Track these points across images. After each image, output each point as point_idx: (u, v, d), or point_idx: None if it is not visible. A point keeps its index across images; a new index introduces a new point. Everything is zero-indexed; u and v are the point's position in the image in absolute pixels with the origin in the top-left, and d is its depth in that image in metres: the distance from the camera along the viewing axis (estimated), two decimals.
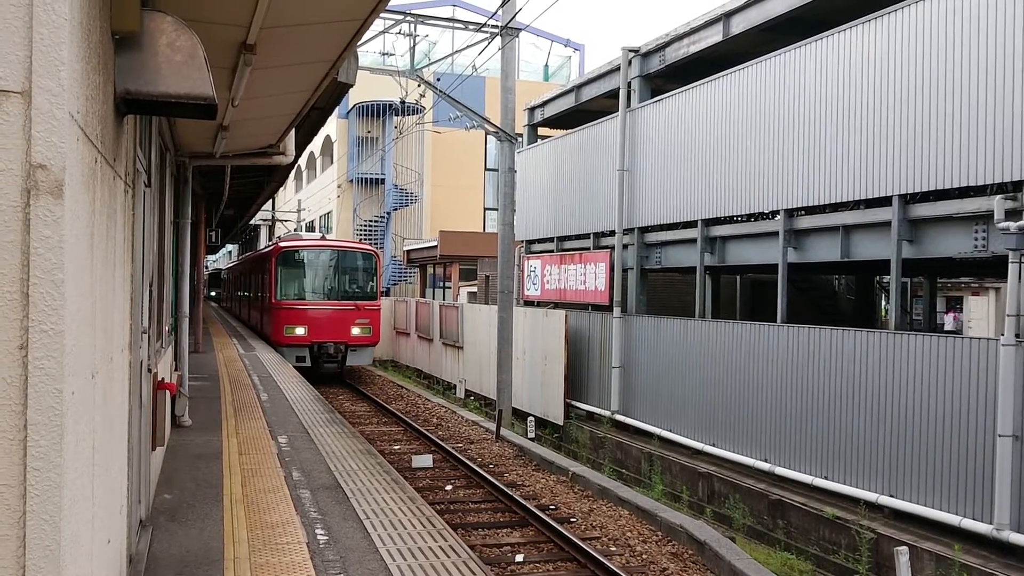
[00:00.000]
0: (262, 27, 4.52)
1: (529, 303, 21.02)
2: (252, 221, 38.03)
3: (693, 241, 14.66)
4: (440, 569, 5.56)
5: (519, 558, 9.21)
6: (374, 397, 20.53)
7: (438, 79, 24.06)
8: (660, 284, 19.67)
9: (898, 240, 10.53)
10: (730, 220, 14.16)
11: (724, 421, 13.43)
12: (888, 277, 12.05)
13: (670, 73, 16.09)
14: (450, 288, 32.55)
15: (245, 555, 5.58)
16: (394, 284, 37.75)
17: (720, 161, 13.93)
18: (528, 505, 10.80)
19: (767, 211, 13.05)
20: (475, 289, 29.83)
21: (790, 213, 12.45)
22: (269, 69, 5.58)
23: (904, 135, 10.42)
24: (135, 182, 4.56)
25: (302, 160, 43.95)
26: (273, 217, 43.79)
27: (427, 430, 16.22)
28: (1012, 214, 8.98)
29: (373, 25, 4.93)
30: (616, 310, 16.43)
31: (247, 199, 20.69)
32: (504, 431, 15.97)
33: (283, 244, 23.76)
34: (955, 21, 9.76)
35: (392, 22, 19.12)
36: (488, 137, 28.10)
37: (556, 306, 19.46)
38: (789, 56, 12.43)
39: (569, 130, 20.01)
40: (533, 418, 17.86)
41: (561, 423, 17.62)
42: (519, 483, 12.54)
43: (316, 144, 42.83)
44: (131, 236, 4.45)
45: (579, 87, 19.37)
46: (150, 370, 5.88)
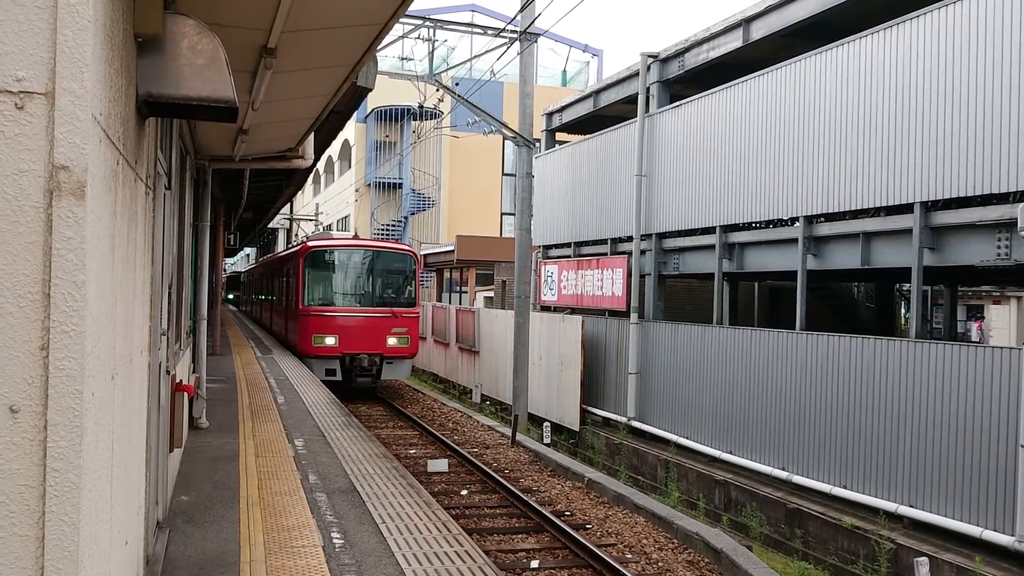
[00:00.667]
0: (283, 31, 4.53)
1: (546, 308, 20.99)
2: (270, 225, 38.21)
3: (711, 247, 14.59)
4: (455, 574, 5.54)
5: (534, 564, 9.17)
6: (389, 400, 20.57)
7: (456, 84, 24.03)
8: (678, 290, 19.59)
9: (919, 248, 10.43)
10: (749, 226, 14.08)
11: (741, 429, 13.34)
12: (908, 285, 11.94)
13: (689, 79, 16.04)
14: (466, 292, 32.57)
15: (261, 558, 5.58)
16: None
17: (739, 167, 13.86)
18: (543, 511, 10.77)
19: (786, 218, 12.97)
20: (491, 294, 29.84)
21: (809, 220, 12.36)
22: (289, 73, 5.60)
23: (926, 142, 10.33)
24: (156, 184, 4.58)
25: (320, 164, 44.18)
26: (291, 220, 44.00)
27: (443, 434, 16.21)
28: None
29: (392, 30, 4.93)
30: (633, 316, 16.37)
31: (265, 202, 20.78)
32: (520, 436, 15.94)
33: (312, 243, 21.25)
34: (976, 28, 9.67)
35: (411, 27, 19.17)
36: (506, 142, 28.12)
37: (573, 311, 19.42)
38: (810, 62, 12.36)
39: (587, 135, 19.99)
40: (549, 423, 17.81)
41: (577, 429, 17.56)
42: (535, 488, 12.51)
43: (334, 148, 43.02)
44: (151, 238, 4.46)
45: (597, 92, 19.34)
46: (168, 372, 5.91)
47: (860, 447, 11.00)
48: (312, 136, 9.46)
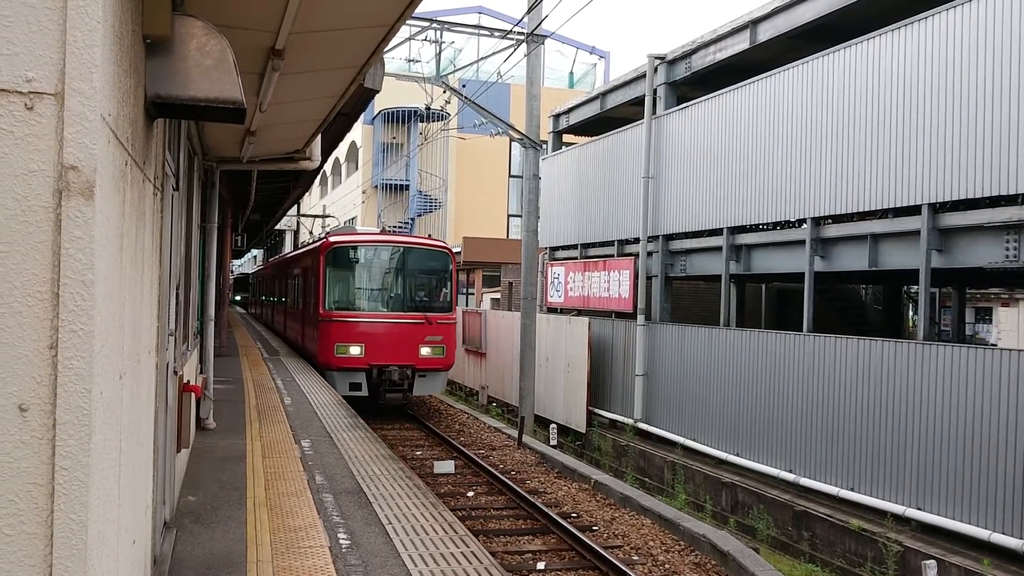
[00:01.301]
0: (291, 32, 4.55)
1: (552, 310, 20.99)
2: (277, 226, 38.28)
3: (718, 249, 14.57)
4: (462, 575, 5.54)
5: (540, 565, 9.17)
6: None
7: (463, 86, 24.03)
8: (684, 292, 19.57)
9: (927, 249, 10.40)
10: (756, 228, 14.06)
11: (748, 431, 13.31)
12: (916, 287, 11.90)
13: (696, 80, 16.03)
14: (473, 294, 32.58)
15: (268, 558, 5.59)
16: None
17: (746, 169, 13.84)
18: (550, 512, 10.76)
19: (793, 219, 12.94)
20: (498, 295, 29.84)
21: (817, 222, 12.34)
22: (297, 74, 5.61)
23: (934, 143, 10.30)
24: (164, 185, 4.60)
25: (327, 165, 44.26)
26: (298, 222, 44.07)
27: (449, 436, 16.21)
28: None
29: (399, 31, 4.94)
30: (640, 318, 16.35)
31: (273, 204, 20.84)
32: (526, 438, 15.93)
33: (334, 238, 18.48)
34: (984, 29, 9.64)
35: (418, 29, 19.22)
36: (512, 144, 28.15)
37: (579, 313, 19.41)
38: (817, 63, 12.34)
39: (594, 137, 19.99)
40: (555, 425, 17.80)
41: (583, 431, 17.55)
42: (541, 490, 12.50)
43: (341, 150, 43.09)
44: (159, 239, 4.48)
45: (604, 94, 19.35)
46: (176, 372, 5.92)
47: (868, 449, 10.97)
48: (319, 138, 9.48)
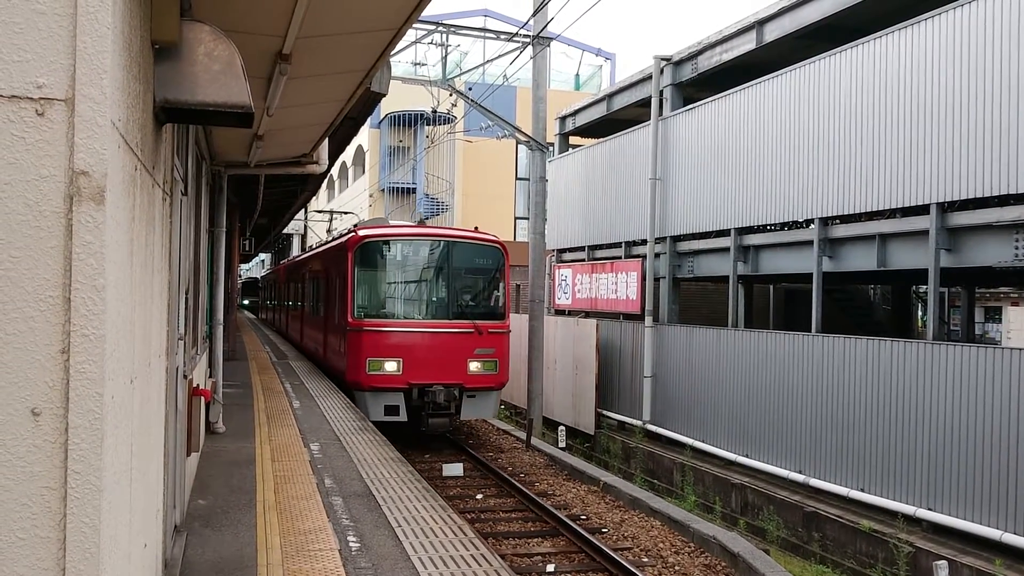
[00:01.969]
0: (298, 37, 4.57)
1: (560, 312, 20.98)
2: (284, 230, 38.35)
3: (726, 250, 14.55)
4: None
5: (550, 568, 9.16)
6: None
7: (469, 89, 24.06)
8: (692, 293, 19.54)
9: (936, 249, 10.36)
10: (763, 229, 14.04)
11: (757, 432, 13.28)
12: (925, 287, 11.86)
13: (702, 81, 16.02)
14: None
15: (278, 561, 5.61)
16: None
17: (753, 169, 13.82)
18: (559, 514, 10.75)
19: (801, 220, 12.91)
20: None
21: (825, 222, 12.31)
22: (304, 79, 5.64)
23: (942, 143, 10.27)
24: (173, 190, 4.61)
25: (334, 169, 44.33)
26: (306, 226, 44.19)
27: (457, 439, 16.21)
28: None
29: (406, 35, 4.96)
30: (648, 319, 16.34)
31: (280, 208, 20.90)
32: (535, 440, 15.92)
33: (364, 232, 15.53)
34: (993, 27, 9.61)
35: (424, 32, 19.25)
36: (519, 146, 28.18)
37: (587, 315, 19.40)
38: (824, 63, 12.32)
39: (600, 139, 19.99)
40: (564, 427, 17.79)
41: (592, 433, 17.54)
42: (550, 492, 12.49)
43: (348, 153, 43.17)
44: (169, 243, 4.50)
45: (610, 96, 19.35)
46: (186, 376, 5.94)
47: (878, 450, 10.93)
48: (326, 141, 9.51)
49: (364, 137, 40.15)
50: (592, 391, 17.57)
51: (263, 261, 63.97)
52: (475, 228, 16.46)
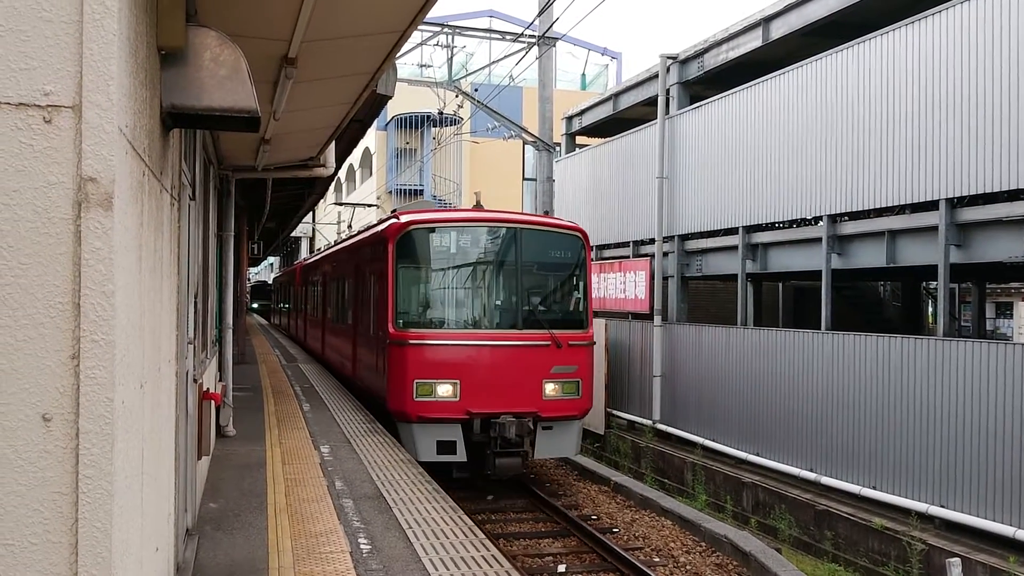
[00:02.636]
0: (303, 40, 4.58)
1: None
2: (293, 233, 38.45)
3: (734, 248, 14.52)
4: None
5: (561, 568, 9.16)
6: None
7: (476, 90, 24.06)
8: (701, 292, 19.50)
9: (946, 245, 10.31)
10: (772, 226, 13.99)
11: (768, 430, 13.24)
12: (935, 283, 11.82)
13: (709, 79, 15.98)
14: None
15: (290, 564, 5.62)
16: None
17: (761, 167, 13.79)
18: (570, 515, 10.75)
19: (809, 217, 12.87)
20: None
21: (833, 219, 12.27)
22: (310, 82, 5.65)
23: (951, 138, 10.22)
24: (181, 195, 4.63)
25: (342, 172, 44.41)
26: (314, 229, 44.29)
27: None
28: None
29: (411, 37, 4.97)
30: (657, 318, 16.31)
31: (288, 211, 20.96)
32: None
33: (408, 217, 12.06)
34: (1002, 21, 9.56)
35: (430, 34, 19.29)
36: (526, 147, 28.15)
37: (596, 314, 19.37)
38: (831, 60, 12.28)
39: (607, 138, 19.97)
40: None
41: (602, 432, 17.52)
42: (560, 493, 12.49)
43: (355, 156, 43.25)
44: (177, 248, 4.51)
45: (617, 95, 19.32)
46: (196, 380, 5.96)
47: (889, 447, 10.88)
48: (333, 144, 9.53)
49: (371, 139, 40.22)
50: (602, 391, 17.53)
51: (271, 264, 64.18)
52: (545, 213, 13.13)
